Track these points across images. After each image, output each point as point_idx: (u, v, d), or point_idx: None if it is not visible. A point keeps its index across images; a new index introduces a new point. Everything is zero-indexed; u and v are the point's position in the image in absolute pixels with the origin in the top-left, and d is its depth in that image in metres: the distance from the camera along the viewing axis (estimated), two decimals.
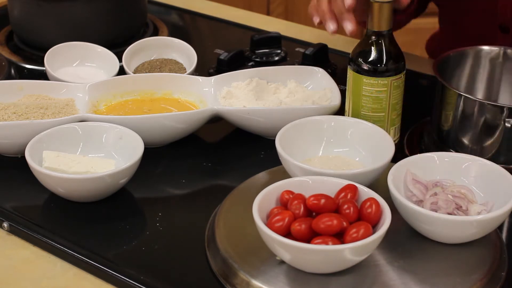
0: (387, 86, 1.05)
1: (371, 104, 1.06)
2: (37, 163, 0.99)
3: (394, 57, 1.05)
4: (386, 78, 1.05)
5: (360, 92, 1.06)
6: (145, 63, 1.28)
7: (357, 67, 1.06)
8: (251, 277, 0.85)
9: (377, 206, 0.85)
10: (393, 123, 1.08)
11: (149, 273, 0.89)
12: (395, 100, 1.07)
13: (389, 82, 1.05)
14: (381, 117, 1.07)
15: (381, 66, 1.05)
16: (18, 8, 1.37)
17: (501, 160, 1.02)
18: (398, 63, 1.05)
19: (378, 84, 1.05)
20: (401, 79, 1.06)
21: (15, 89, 1.15)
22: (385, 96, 1.06)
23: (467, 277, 0.85)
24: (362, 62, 1.05)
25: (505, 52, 1.13)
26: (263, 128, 1.12)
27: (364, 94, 1.06)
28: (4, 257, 0.95)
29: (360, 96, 1.07)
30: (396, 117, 1.08)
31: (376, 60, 1.05)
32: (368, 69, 1.05)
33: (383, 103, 1.06)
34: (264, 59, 1.33)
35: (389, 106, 1.07)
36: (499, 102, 1.15)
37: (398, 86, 1.06)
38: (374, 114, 1.07)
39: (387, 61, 1.05)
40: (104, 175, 0.97)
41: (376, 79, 1.05)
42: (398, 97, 1.07)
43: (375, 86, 1.05)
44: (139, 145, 1.02)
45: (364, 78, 1.05)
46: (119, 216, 0.99)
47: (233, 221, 0.93)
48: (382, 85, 1.05)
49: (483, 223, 0.86)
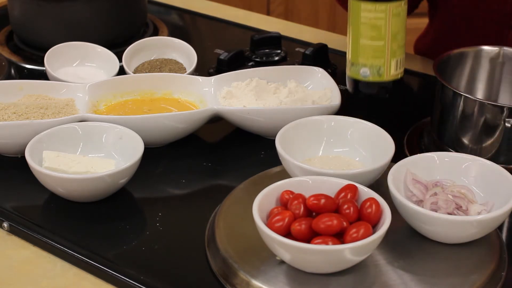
0: (386, 13, 1.03)
1: (369, 32, 1.04)
2: (37, 163, 0.99)
3: None
4: (384, 3, 1.02)
5: (358, 20, 1.04)
6: (145, 63, 1.29)
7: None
8: (251, 277, 0.85)
9: (377, 206, 0.85)
10: (394, 54, 1.05)
11: (149, 273, 0.89)
12: (395, 28, 1.03)
13: (387, 8, 1.02)
14: (381, 46, 1.04)
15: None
16: (18, 8, 1.37)
17: (501, 160, 1.02)
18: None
19: (376, 9, 1.02)
20: (401, 7, 1.03)
21: (15, 89, 1.15)
22: (384, 24, 1.03)
23: (467, 277, 0.85)
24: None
25: (505, 52, 1.13)
26: (263, 128, 1.12)
27: (362, 22, 1.03)
28: (4, 257, 0.95)
29: (359, 24, 1.04)
30: (398, 49, 1.05)
31: None
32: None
33: (382, 31, 1.03)
34: (264, 59, 1.33)
35: (389, 35, 1.03)
36: (499, 102, 1.15)
37: (398, 13, 1.03)
38: (373, 42, 1.04)
39: None
40: (104, 175, 0.97)
41: (373, 4, 1.02)
42: (399, 26, 1.04)
43: (373, 12, 1.03)
44: (139, 145, 1.02)
45: (362, 4, 1.03)
46: (119, 216, 0.99)
47: (233, 221, 0.93)
48: (380, 11, 1.02)
49: (483, 223, 0.86)
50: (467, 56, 1.14)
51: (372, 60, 1.07)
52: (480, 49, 1.14)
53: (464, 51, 1.14)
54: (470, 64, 1.15)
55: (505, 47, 1.13)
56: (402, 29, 1.05)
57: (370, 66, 1.07)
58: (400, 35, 1.05)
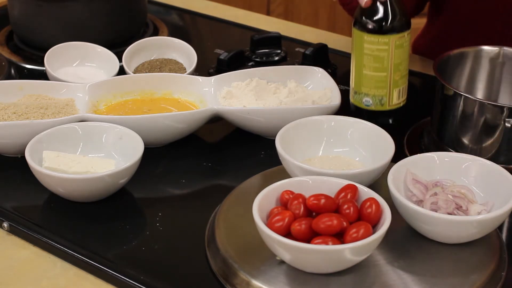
0: (388, 45, 1.03)
1: (372, 63, 1.04)
2: (37, 163, 0.99)
3: (397, 15, 1.02)
4: (387, 36, 1.03)
5: (362, 51, 1.04)
6: (145, 63, 1.29)
7: (359, 25, 1.04)
8: (251, 277, 0.85)
9: (377, 206, 0.85)
10: (396, 84, 1.06)
11: (149, 273, 0.89)
12: (398, 60, 1.04)
13: (390, 41, 1.03)
14: (383, 77, 1.04)
15: (382, 24, 1.02)
16: (18, 8, 1.37)
17: (501, 160, 1.02)
18: (400, 22, 1.03)
19: (379, 42, 1.03)
20: (404, 39, 1.04)
21: (15, 89, 1.15)
22: (387, 55, 1.03)
23: (467, 277, 0.85)
24: (364, 19, 1.03)
25: (505, 52, 1.13)
26: (263, 128, 1.12)
27: (365, 53, 1.04)
28: (4, 257, 0.95)
29: (362, 55, 1.04)
30: (400, 79, 1.05)
31: (377, 18, 1.03)
32: (369, 27, 1.03)
33: (384, 62, 1.04)
34: (264, 59, 1.33)
35: (392, 66, 1.04)
36: (499, 102, 1.15)
37: (401, 45, 1.03)
38: (376, 73, 1.05)
39: (388, 19, 1.02)
40: (104, 175, 0.97)
41: (377, 36, 1.03)
42: (402, 57, 1.04)
43: (375, 44, 1.03)
44: (139, 145, 1.02)
45: (365, 36, 1.04)
46: (119, 216, 0.99)
47: (233, 221, 0.93)
48: (383, 43, 1.03)
49: (483, 223, 0.86)
50: (467, 56, 1.14)
51: (374, 90, 1.08)
52: (480, 49, 1.14)
53: (464, 51, 1.14)
54: (470, 64, 1.15)
55: (505, 47, 1.13)
56: (405, 60, 1.06)
57: (372, 96, 1.07)
58: (402, 65, 1.06)
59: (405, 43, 1.04)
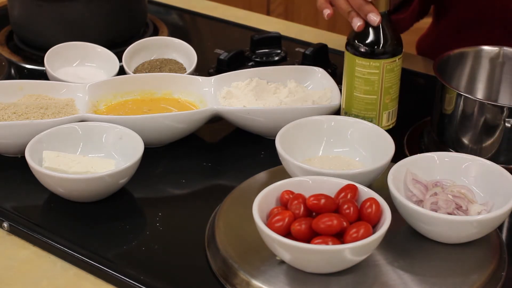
0: (379, 69, 1.04)
1: (363, 86, 1.05)
2: (37, 163, 0.99)
3: (389, 40, 1.04)
4: (378, 60, 1.04)
5: (353, 73, 1.06)
6: (145, 63, 1.28)
7: (351, 48, 1.05)
8: (251, 277, 0.85)
9: (377, 206, 0.85)
10: (386, 107, 1.07)
11: (149, 273, 0.89)
12: (388, 83, 1.05)
13: (381, 65, 1.04)
14: (373, 100, 1.06)
15: (373, 48, 1.04)
16: (18, 8, 1.37)
17: (501, 160, 1.02)
18: (392, 46, 1.04)
19: (370, 66, 1.04)
20: (396, 63, 1.05)
21: (15, 89, 1.15)
22: (377, 79, 1.05)
23: (467, 277, 0.85)
24: (356, 43, 1.05)
25: (505, 52, 1.13)
26: (263, 128, 1.12)
27: (357, 76, 1.05)
28: (4, 257, 0.95)
29: (353, 77, 1.06)
30: (390, 102, 1.07)
31: (369, 42, 1.04)
32: (361, 50, 1.04)
33: (375, 86, 1.05)
34: (264, 59, 1.33)
35: (382, 90, 1.06)
36: (499, 102, 1.15)
37: (392, 69, 1.05)
38: (366, 96, 1.06)
39: (380, 43, 1.04)
40: (104, 175, 0.97)
41: (368, 60, 1.04)
42: (392, 81, 1.06)
43: (367, 68, 1.05)
44: (139, 145, 1.02)
45: (357, 59, 1.05)
46: (119, 216, 0.99)
47: (233, 221, 0.93)
48: (374, 67, 1.04)
49: (483, 223, 0.86)
50: (467, 56, 1.14)
51: (364, 112, 1.09)
52: (480, 49, 1.14)
53: (464, 51, 1.14)
54: (470, 64, 1.15)
55: (505, 47, 1.13)
56: (396, 84, 1.08)
57: (362, 117, 1.08)
58: (393, 89, 1.07)
59: (396, 67, 1.06)
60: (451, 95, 1.05)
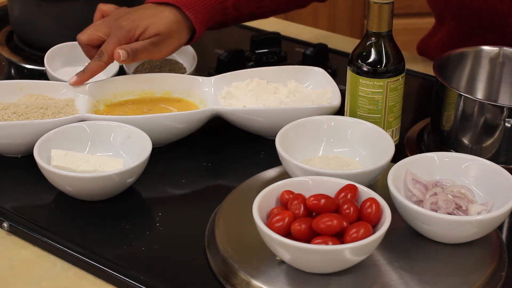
0: (383, 88, 1.05)
1: (367, 105, 1.06)
2: (45, 162, 0.99)
3: (392, 59, 1.05)
4: (382, 79, 1.05)
5: (357, 92, 1.06)
6: (145, 63, 1.28)
7: (355, 67, 1.06)
8: (251, 277, 0.85)
9: (377, 206, 0.85)
10: (389, 125, 1.08)
11: (149, 273, 0.89)
12: (392, 102, 1.06)
13: (385, 84, 1.05)
14: (377, 118, 1.07)
15: (377, 68, 1.04)
16: (18, 8, 1.37)
17: (501, 160, 1.02)
18: (395, 65, 1.05)
19: (374, 85, 1.05)
20: (399, 82, 1.06)
21: (15, 89, 1.15)
22: (381, 98, 1.06)
23: (467, 277, 0.85)
24: (359, 62, 1.05)
25: (505, 52, 1.13)
26: (263, 128, 1.12)
27: (360, 95, 1.06)
28: (4, 257, 0.95)
29: (356, 96, 1.07)
30: (394, 120, 1.08)
31: (372, 61, 1.05)
32: (364, 70, 1.05)
33: (379, 105, 1.06)
34: (264, 59, 1.33)
35: (386, 108, 1.06)
36: (499, 102, 1.15)
37: (395, 88, 1.06)
38: (370, 115, 1.07)
39: (383, 62, 1.04)
40: (112, 173, 0.97)
41: (372, 80, 1.05)
42: (396, 100, 1.07)
43: (370, 87, 1.05)
44: (147, 144, 1.02)
45: (360, 79, 1.06)
46: (118, 216, 0.99)
47: (233, 221, 0.93)
48: (378, 87, 1.05)
49: (483, 223, 0.86)
50: (467, 56, 1.14)
51: None
52: (480, 49, 1.14)
53: (464, 51, 1.14)
54: (470, 64, 1.15)
55: (505, 47, 1.13)
56: (399, 102, 1.08)
57: None
58: (396, 107, 1.08)
59: (400, 86, 1.06)
60: (451, 95, 1.05)
